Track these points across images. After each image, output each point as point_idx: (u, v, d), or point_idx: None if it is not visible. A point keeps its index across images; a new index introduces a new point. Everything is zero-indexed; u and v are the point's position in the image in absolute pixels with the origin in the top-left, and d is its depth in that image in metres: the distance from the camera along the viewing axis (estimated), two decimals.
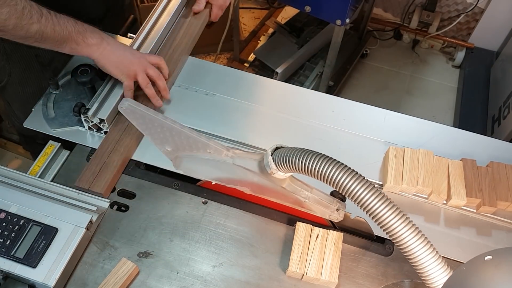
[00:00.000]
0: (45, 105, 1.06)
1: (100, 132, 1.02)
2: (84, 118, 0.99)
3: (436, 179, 0.94)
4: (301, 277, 0.85)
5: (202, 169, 0.90)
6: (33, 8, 0.84)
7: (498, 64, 2.30)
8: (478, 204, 0.94)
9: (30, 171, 0.98)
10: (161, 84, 1.03)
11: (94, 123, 1.00)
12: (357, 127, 1.07)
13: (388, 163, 0.97)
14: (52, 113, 1.04)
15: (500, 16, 2.27)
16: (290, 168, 0.74)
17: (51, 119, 1.03)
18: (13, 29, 0.83)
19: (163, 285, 0.84)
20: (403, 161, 0.97)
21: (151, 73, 1.00)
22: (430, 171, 0.95)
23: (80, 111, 0.98)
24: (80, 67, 1.00)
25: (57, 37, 0.88)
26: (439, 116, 2.29)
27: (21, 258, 0.80)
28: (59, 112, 1.05)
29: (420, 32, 2.50)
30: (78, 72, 0.99)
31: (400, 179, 0.94)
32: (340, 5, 1.68)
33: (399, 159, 0.97)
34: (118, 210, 0.93)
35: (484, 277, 0.58)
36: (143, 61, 0.99)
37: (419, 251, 0.68)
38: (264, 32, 2.59)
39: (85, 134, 1.02)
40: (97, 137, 1.02)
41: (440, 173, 0.95)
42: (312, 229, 0.88)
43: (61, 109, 1.05)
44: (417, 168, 0.96)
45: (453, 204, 0.95)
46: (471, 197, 0.93)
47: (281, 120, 1.08)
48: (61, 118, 1.04)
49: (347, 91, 2.38)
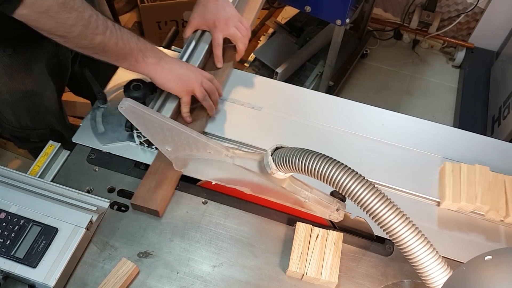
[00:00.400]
0: (93, 119, 1.05)
1: (151, 147, 1.01)
2: (136, 134, 0.99)
3: (494, 196, 0.93)
4: (301, 277, 0.85)
5: (202, 169, 0.90)
6: (99, 19, 0.82)
7: (498, 64, 2.30)
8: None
9: (30, 171, 0.98)
10: (215, 98, 1.04)
11: (146, 139, 0.99)
12: (356, 127, 1.07)
13: (445, 179, 0.95)
14: (101, 128, 1.03)
15: (500, 16, 2.27)
16: (290, 168, 0.74)
17: (101, 134, 1.02)
18: (77, 37, 0.81)
19: (163, 285, 0.84)
20: (460, 177, 0.95)
21: (207, 87, 1.01)
22: (487, 187, 0.94)
23: (133, 126, 0.97)
24: (132, 82, 0.99)
25: (118, 52, 0.87)
26: (439, 116, 2.29)
27: (21, 258, 0.80)
28: (108, 127, 1.04)
29: (420, 32, 2.50)
30: (131, 87, 0.98)
31: (459, 196, 0.93)
32: (340, 5, 1.68)
33: (456, 175, 0.95)
34: (118, 210, 0.93)
35: (484, 277, 0.58)
36: (199, 75, 1.00)
37: (419, 251, 0.68)
38: (264, 32, 2.59)
39: (136, 149, 1.01)
40: (148, 152, 1.00)
41: (498, 189, 0.94)
42: (312, 229, 0.88)
43: (111, 124, 1.04)
44: (474, 184, 0.94)
45: (511, 221, 0.94)
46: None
47: (281, 120, 1.08)
48: (111, 133, 1.03)
49: (347, 91, 2.38)
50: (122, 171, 0.98)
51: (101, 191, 0.95)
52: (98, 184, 0.96)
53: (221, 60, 1.12)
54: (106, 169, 0.98)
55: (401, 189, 0.98)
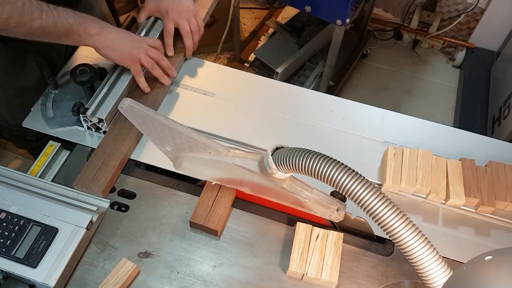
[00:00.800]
0: (44, 104, 1.06)
1: (99, 132, 1.02)
2: (83, 118, 1.00)
3: (434, 179, 0.94)
4: (301, 277, 0.85)
5: (202, 169, 0.90)
6: (32, 4, 0.84)
7: (499, 64, 2.30)
8: (476, 204, 0.94)
9: (30, 171, 0.98)
10: (165, 63, 1.05)
11: (93, 123, 1.00)
12: (356, 127, 1.07)
13: (387, 162, 0.97)
14: (51, 113, 1.04)
15: (500, 16, 2.27)
16: (290, 168, 0.74)
17: (50, 118, 1.04)
18: (16, 27, 0.83)
19: (163, 285, 0.84)
20: (402, 160, 0.97)
21: (152, 54, 1.02)
22: (428, 170, 0.95)
23: (79, 110, 0.98)
24: (79, 66, 1.00)
25: (59, 31, 0.88)
26: (439, 116, 2.29)
27: (21, 258, 0.80)
28: (58, 112, 1.05)
29: (421, 32, 2.50)
30: (77, 71, 0.99)
31: (399, 179, 0.94)
32: (341, 5, 1.68)
33: (398, 159, 0.97)
34: (119, 210, 0.93)
35: (484, 277, 0.58)
36: (143, 44, 1.01)
37: (419, 251, 0.68)
38: (264, 32, 2.59)
39: (84, 133, 1.02)
40: (96, 137, 1.02)
41: (439, 172, 0.95)
42: (312, 229, 0.88)
43: (60, 109, 1.05)
44: (415, 167, 0.96)
45: (452, 204, 0.95)
46: (470, 197, 0.93)
47: (281, 120, 1.08)
48: (60, 118, 1.04)
49: (347, 91, 2.38)
50: (123, 171, 0.98)
51: None
52: None
53: (172, 49, 1.12)
54: None
55: None
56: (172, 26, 1.10)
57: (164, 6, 1.09)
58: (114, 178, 0.95)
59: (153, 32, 1.12)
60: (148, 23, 1.13)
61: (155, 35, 1.11)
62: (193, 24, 1.11)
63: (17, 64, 1.08)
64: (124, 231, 0.90)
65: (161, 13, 1.11)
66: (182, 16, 1.10)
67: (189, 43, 1.13)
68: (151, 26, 1.13)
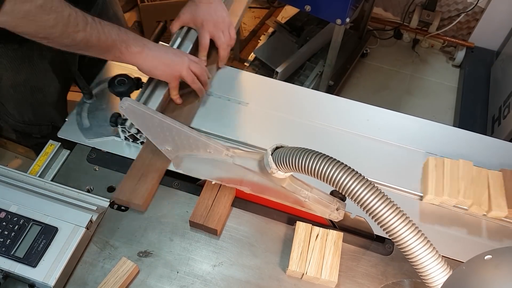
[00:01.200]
0: (79, 114, 1.05)
1: (136, 142, 1.01)
2: (121, 129, 0.99)
3: (477, 190, 0.93)
4: (301, 277, 0.85)
5: (202, 168, 0.90)
6: (78, 16, 0.82)
7: (498, 64, 2.29)
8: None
9: (30, 171, 0.98)
10: (204, 79, 1.05)
11: (131, 134, 0.99)
12: (355, 126, 1.07)
13: (428, 174, 0.95)
14: (86, 123, 1.04)
15: (500, 15, 2.27)
16: (290, 167, 0.74)
17: (86, 129, 1.03)
18: (59, 37, 0.81)
19: (163, 284, 0.84)
20: (443, 171, 0.95)
21: (194, 69, 1.02)
22: (470, 182, 0.94)
23: (117, 121, 0.98)
24: (117, 77, 0.99)
25: (101, 45, 0.87)
26: (439, 116, 2.29)
27: (21, 257, 0.80)
28: (94, 122, 1.04)
29: (420, 31, 2.50)
30: (115, 82, 0.98)
31: (442, 190, 0.93)
32: (340, 5, 1.68)
33: (439, 170, 0.95)
34: (118, 209, 0.93)
35: (484, 277, 0.58)
36: (185, 59, 1.01)
37: (419, 250, 0.68)
38: (264, 32, 2.59)
39: (121, 144, 1.02)
40: (133, 148, 1.01)
41: (481, 184, 0.94)
42: (312, 228, 0.88)
43: (96, 119, 1.05)
44: (457, 179, 0.94)
45: (494, 216, 0.94)
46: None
47: (281, 119, 1.08)
48: (96, 128, 1.03)
49: (347, 90, 2.38)
50: (122, 171, 0.97)
51: (101, 191, 0.95)
52: (98, 184, 0.96)
53: (206, 62, 1.12)
54: (106, 169, 0.98)
55: (388, 184, 0.99)
56: (208, 38, 1.10)
57: (200, 17, 1.09)
58: (154, 190, 0.94)
59: (187, 43, 1.11)
60: (181, 33, 1.12)
61: (188, 45, 1.10)
62: (227, 37, 1.12)
63: (29, 64, 1.08)
64: (124, 231, 0.90)
65: (196, 24, 1.11)
66: (218, 28, 1.10)
67: (224, 55, 1.13)
68: (185, 36, 1.12)
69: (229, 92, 1.12)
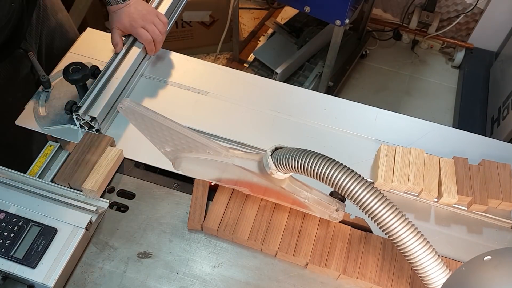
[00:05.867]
0: (36, 103, 1.06)
1: (91, 130, 1.02)
2: (75, 116, 0.99)
3: (427, 177, 0.95)
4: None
5: (201, 169, 0.90)
6: None
7: (498, 65, 2.30)
8: (469, 202, 0.94)
9: (30, 172, 0.98)
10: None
11: (85, 121, 1.00)
12: (350, 125, 1.08)
13: (379, 160, 0.97)
14: (43, 111, 1.05)
15: (499, 16, 2.27)
16: (290, 168, 0.74)
17: (43, 117, 1.03)
18: None
19: (163, 285, 0.84)
20: (394, 159, 0.97)
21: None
22: (421, 169, 0.95)
23: (72, 109, 0.99)
24: (71, 65, 0.99)
25: None
26: (439, 117, 2.30)
27: (20, 258, 0.80)
28: (51, 111, 1.05)
29: (420, 32, 2.50)
30: (70, 70, 0.99)
31: (391, 177, 0.95)
32: (340, 6, 1.68)
33: (390, 157, 0.97)
34: (118, 210, 0.93)
35: (483, 278, 0.58)
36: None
37: (418, 251, 0.68)
38: (263, 33, 2.59)
39: (77, 132, 1.02)
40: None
41: (431, 171, 0.95)
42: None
43: (53, 108, 1.05)
44: (408, 166, 0.96)
45: (444, 202, 0.95)
46: (462, 195, 0.93)
47: (281, 120, 1.08)
48: (52, 116, 1.04)
49: (347, 91, 2.38)
50: (122, 171, 0.98)
51: None
52: None
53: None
54: None
55: None
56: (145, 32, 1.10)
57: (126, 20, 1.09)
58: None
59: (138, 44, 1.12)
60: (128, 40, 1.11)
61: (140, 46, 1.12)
62: (159, 24, 1.12)
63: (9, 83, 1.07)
64: (123, 232, 0.90)
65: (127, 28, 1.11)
66: (148, 20, 1.10)
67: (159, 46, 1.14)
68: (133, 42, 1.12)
69: (228, 93, 1.12)
